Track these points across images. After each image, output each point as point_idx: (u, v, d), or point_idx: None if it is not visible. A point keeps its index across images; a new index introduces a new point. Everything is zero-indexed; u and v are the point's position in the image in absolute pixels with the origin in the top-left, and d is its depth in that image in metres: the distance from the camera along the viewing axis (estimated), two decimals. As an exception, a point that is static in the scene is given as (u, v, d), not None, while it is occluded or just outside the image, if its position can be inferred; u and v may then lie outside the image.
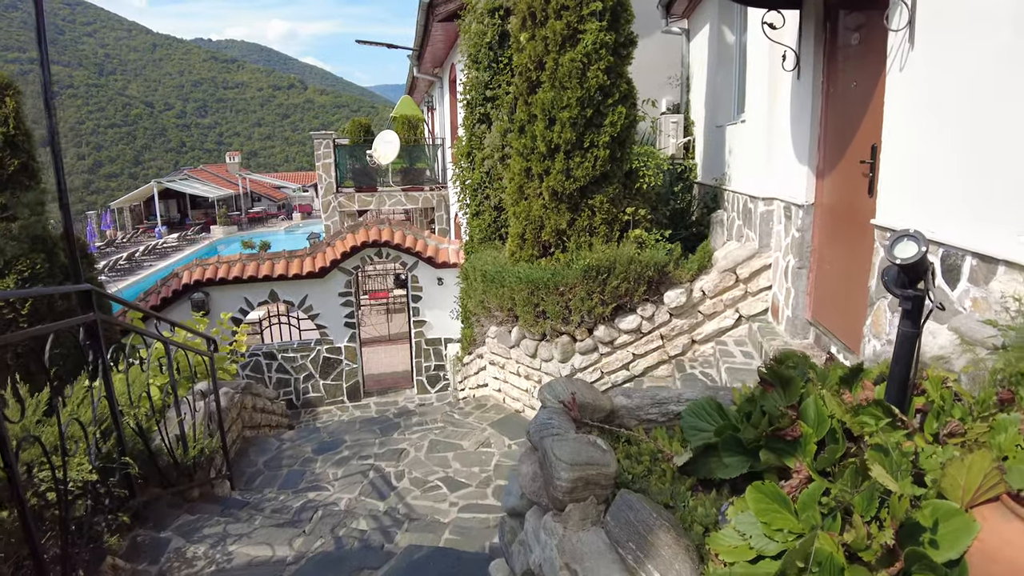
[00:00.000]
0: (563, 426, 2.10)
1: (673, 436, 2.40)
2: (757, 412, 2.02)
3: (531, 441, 2.14)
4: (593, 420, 2.30)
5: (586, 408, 2.29)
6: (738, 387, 2.35)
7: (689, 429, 2.25)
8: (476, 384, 7.74)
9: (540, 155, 5.98)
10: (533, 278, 5.85)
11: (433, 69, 13.48)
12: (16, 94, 6.07)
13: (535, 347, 6.15)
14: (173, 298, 10.06)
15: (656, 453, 2.30)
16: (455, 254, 10.90)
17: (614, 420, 2.37)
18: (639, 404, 2.40)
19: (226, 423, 5.77)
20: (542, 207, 6.05)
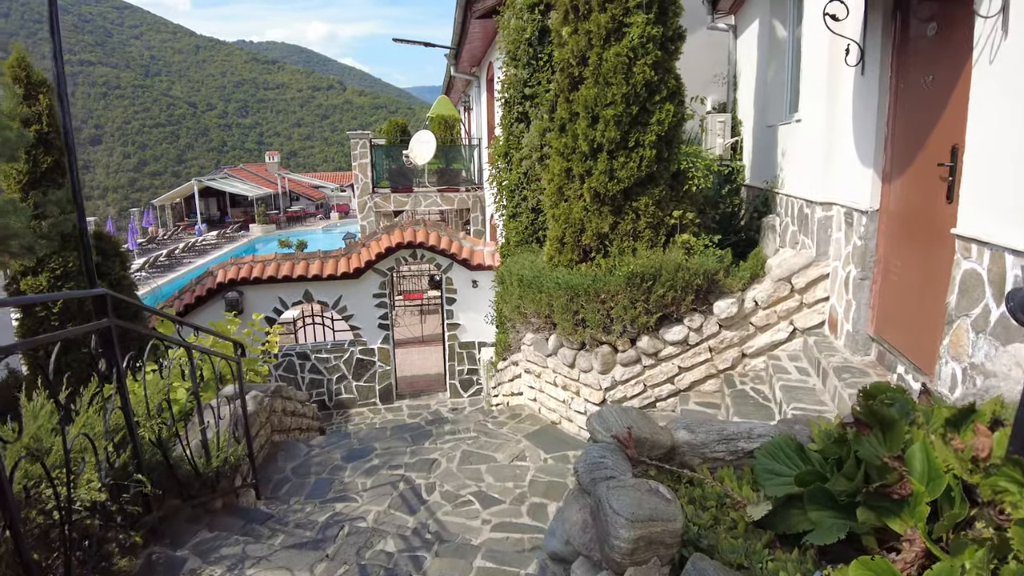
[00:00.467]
0: (618, 467, 1.82)
1: (742, 478, 2.09)
2: (851, 461, 1.71)
3: (580, 482, 1.87)
4: (651, 458, 2.01)
5: (643, 444, 2.01)
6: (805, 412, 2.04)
7: (764, 473, 1.95)
8: (510, 391, 7.48)
9: (582, 155, 5.69)
10: (572, 284, 5.56)
11: (470, 68, 13.27)
12: (50, 91, 6.02)
13: (573, 357, 5.86)
14: (207, 297, 10.03)
15: (723, 497, 2.00)
16: (490, 256, 10.66)
17: (674, 457, 2.08)
18: (704, 440, 2.10)
19: (253, 428, 5.61)
20: (583, 209, 5.75)
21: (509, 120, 7.59)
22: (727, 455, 2.12)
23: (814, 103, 5.59)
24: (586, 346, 5.78)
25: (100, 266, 6.48)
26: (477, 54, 12.05)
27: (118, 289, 6.59)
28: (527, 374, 6.62)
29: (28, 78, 5.95)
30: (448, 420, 6.59)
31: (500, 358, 8.26)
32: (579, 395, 5.97)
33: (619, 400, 5.75)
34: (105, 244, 6.57)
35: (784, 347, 5.67)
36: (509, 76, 7.47)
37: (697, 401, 5.61)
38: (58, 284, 5.94)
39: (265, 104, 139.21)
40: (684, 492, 2.02)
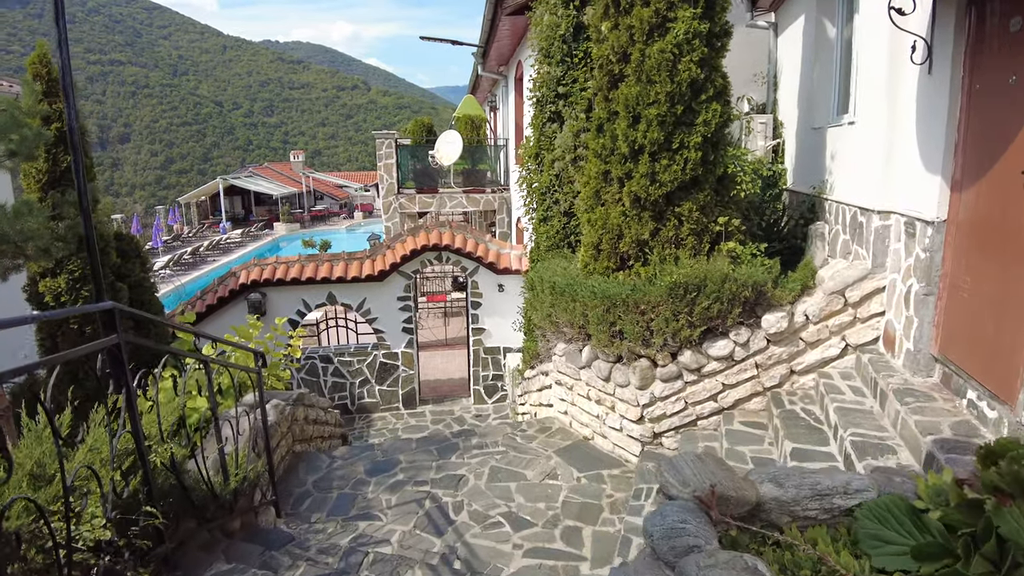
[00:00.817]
0: (701, 532, 1.53)
1: (838, 539, 1.78)
2: (991, 542, 1.39)
3: (655, 548, 1.57)
4: (733, 516, 1.71)
5: (726, 502, 1.71)
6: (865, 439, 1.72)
7: (869, 539, 1.64)
8: (538, 402, 7.19)
9: (621, 157, 5.38)
10: (610, 294, 5.25)
11: (498, 67, 13.00)
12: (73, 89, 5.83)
13: (609, 370, 5.55)
14: (230, 298, 9.88)
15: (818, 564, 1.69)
16: (517, 260, 10.39)
17: (759, 515, 1.77)
18: (795, 496, 1.79)
19: (274, 439, 5.40)
20: (621, 214, 5.45)
21: (541, 120, 7.31)
22: (820, 513, 1.81)
23: (871, 104, 5.22)
24: (623, 359, 5.47)
25: (120, 267, 6.31)
26: (505, 52, 11.77)
27: (138, 292, 6.42)
28: (558, 386, 6.33)
29: (49, 75, 5.79)
30: (475, 433, 6.32)
31: (528, 366, 7.98)
32: (614, 411, 5.66)
33: (658, 418, 5.44)
34: (125, 245, 6.40)
35: (835, 364, 5.31)
36: (542, 74, 7.19)
37: (742, 420, 5.28)
38: (76, 286, 5.78)
39: (290, 103, 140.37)
40: (772, 557, 1.72)
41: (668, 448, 5.51)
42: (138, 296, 6.42)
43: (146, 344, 3.05)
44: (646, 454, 5.46)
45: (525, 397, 8.17)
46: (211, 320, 9.95)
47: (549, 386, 6.60)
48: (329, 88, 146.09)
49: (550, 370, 6.51)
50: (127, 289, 6.23)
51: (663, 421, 5.47)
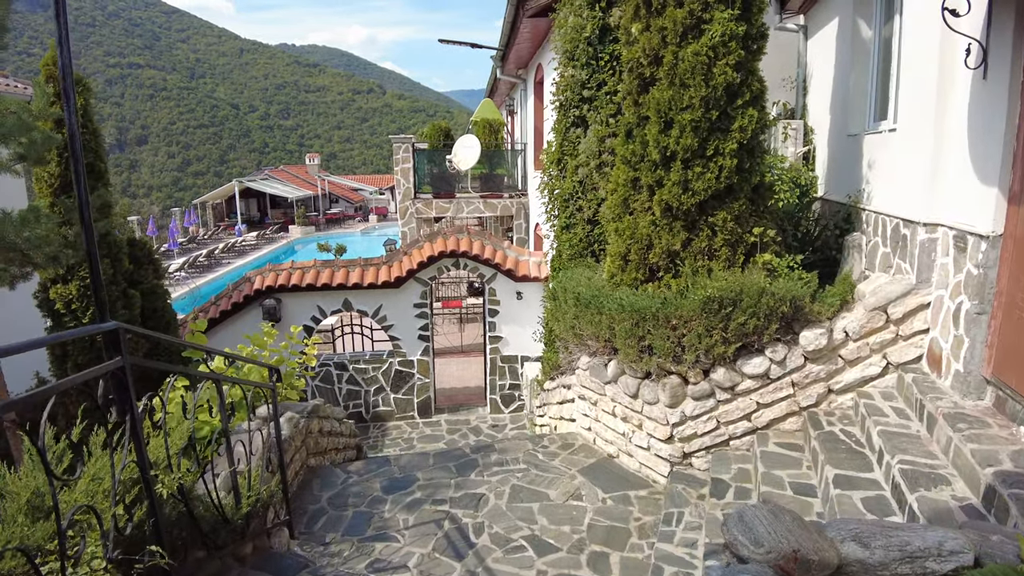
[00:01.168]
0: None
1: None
2: None
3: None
4: (819, 586, 1.48)
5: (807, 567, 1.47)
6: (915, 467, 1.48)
7: (986, 619, 1.39)
8: (559, 415, 6.96)
9: (651, 163, 5.15)
10: (639, 307, 5.02)
11: (517, 70, 12.81)
12: (85, 91, 5.72)
13: (637, 386, 5.31)
14: (244, 303, 9.74)
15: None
16: (536, 267, 10.17)
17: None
18: (882, 560, 1.56)
19: (288, 454, 5.21)
20: (651, 224, 5.21)
21: (564, 124, 7.09)
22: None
23: (916, 110, 4.96)
24: (652, 376, 5.23)
25: (133, 274, 6.17)
26: (524, 56, 11.58)
27: (151, 298, 6.27)
28: (581, 400, 6.09)
29: (64, 76, 5.64)
30: (495, 448, 6.09)
31: (548, 377, 7.75)
32: (641, 429, 5.42)
33: (688, 437, 5.19)
34: (138, 251, 6.26)
35: (875, 384, 5.04)
36: (565, 77, 6.98)
37: (777, 442, 5.02)
38: (88, 293, 5.64)
39: (306, 106, 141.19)
40: (865, 635, 1.48)
41: (698, 469, 5.26)
42: (151, 303, 6.27)
43: (154, 365, 2.84)
44: (675, 475, 5.22)
45: (544, 409, 7.94)
46: (225, 326, 9.81)
47: (572, 400, 6.37)
48: (345, 91, 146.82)
49: (573, 384, 6.29)
50: (139, 296, 6.08)
51: (693, 441, 5.22)
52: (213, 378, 3.21)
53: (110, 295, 5.78)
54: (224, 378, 3.39)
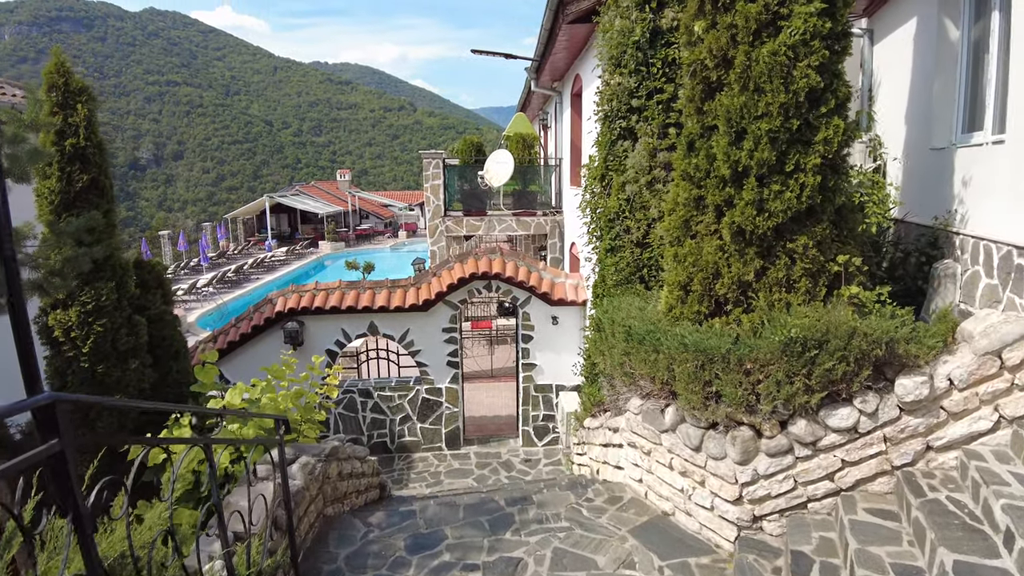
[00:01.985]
0: None
1: None
2: None
3: None
4: None
5: None
6: None
7: None
8: (602, 459, 6.26)
9: (719, 180, 4.47)
10: (705, 347, 4.31)
11: (552, 83, 12.24)
12: (90, 100, 5.24)
13: (700, 438, 4.59)
14: (265, 326, 9.23)
15: None
16: (573, 290, 9.50)
17: None
18: None
19: (302, 506, 4.60)
20: (718, 249, 4.52)
21: (608, 137, 6.45)
22: None
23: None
24: (718, 426, 4.51)
25: (139, 299, 5.66)
26: (561, 66, 11.00)
27: (159, 326, 5.75)
28: (631, 448, 5.38)
29: (66, 85, 5.19)
30: (533, 501, 5.40)
31: (588, 414, 7.05)
32: (704, 486, 4.69)
33: (760, 499, 4.45)
34: (145, 274, 5.75)
35: (985, 440, 4.24)
36: (611, 86, 6.34)
37: (867, 507, 4.24)
38: (88, 320, 5.12)
39: (338, 123, 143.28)
40: None
41: (770, 535, 4.51)
42: (159, 330, 5.75)
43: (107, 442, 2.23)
44: (744, 541, 4.47)
45: (584, 448, 7.24)
46: (244, 350, 9.31)
47: (619, 445, 5.66)
48: (376, 109, 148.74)
49: (620, 427, 5.58)
50: (146, 324, 5.55)
51: (766, 503, 4.47)
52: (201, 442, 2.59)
53: (114, 322, 5.27)
54: (214, 441, 2.78)
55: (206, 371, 5.08)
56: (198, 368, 5.05)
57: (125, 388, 5.33)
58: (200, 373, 5.03)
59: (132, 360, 5.36)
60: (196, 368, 5.03)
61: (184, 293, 22.71)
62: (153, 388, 5.62)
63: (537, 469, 9.25)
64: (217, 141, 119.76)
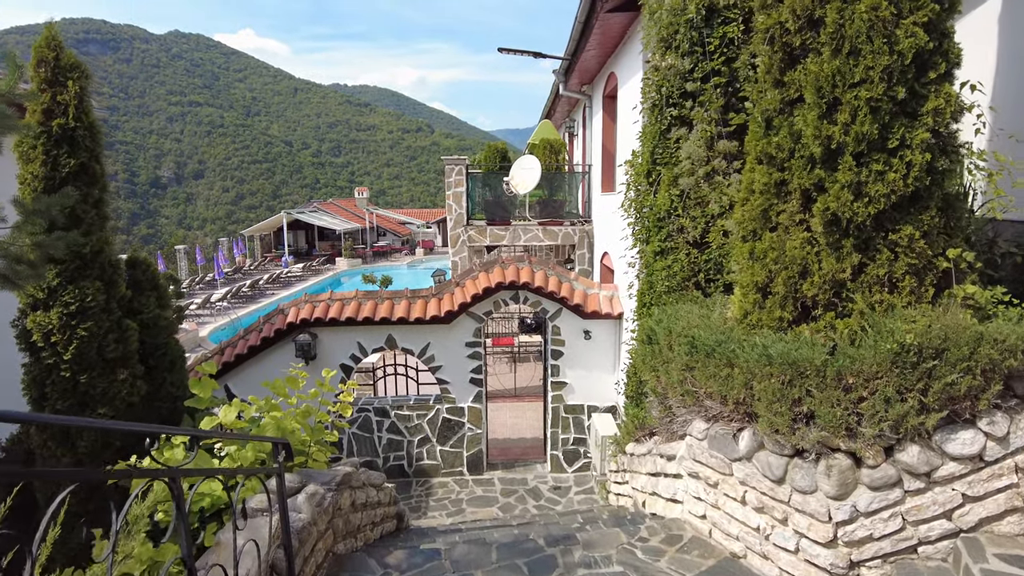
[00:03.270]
0: None
1: None
2: None
3: None
4: None
5: None
6: None
7: None
8: (651, 490, 5.50)
9: (806, 160, 3.78)
10: (795, 359, 3.59)
11: (581, 86, 11.64)
12: (83, 78, 4.67)
13: (783, 467, 3.84)
14: (276, 338, 8.60)
15: None
16: (607, 302, 8.78)
17: None
18: None
19: (308, 543, 3.90)
20: (806, 243, 3.81)
21: (657, 128, 5.78)
22: None
23: None
24: (806, 454, 3.75)
25: (131, 301, 5.03)
26: (591, 67, 10.40)
27: (152, 332, 5.12)
28: (693, 479, 4.63)
29: (57, 60, 4.62)
30: (577, 540, 4.65)
31: (631, 438, 6.30)
32: (786, 524, 3.92)
33: (859, 541, 3.67)
34: (140, 274, 5.13)
35: None
36: (661, 70, 5.69)
37: (998, 553, 3.46)
38: (72, 323, 4.50)
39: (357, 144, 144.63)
40: None
41: (870, 585, 3.72)
42: (152, 337, 5.11)
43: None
44: (838, 593, 3.69)
45: (626, 477, 6.48)
46: (253, 364, 8.68)
47: (675, 475, 4.91)
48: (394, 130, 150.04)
49: (678, 454, 4.83)
50: (137, 329, 4.92)
51: (866, 546, 3.70)
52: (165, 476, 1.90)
53: (100, 326, 4.64)
54: (187, 473, 2.09)
55: (203, 384, 4.43)
56: (194, 381, 4.40)
57: (112, 401, 4.68)
58: (196, 386, 4.38)
59: (121, 369, 4.72)
60: (192, 381, 4.39)
61: (198, 307, 22.26)
62: (145, 401, 4.98)
63: (568, 498, 8.47)
64: (237, 161, 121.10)
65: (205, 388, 4.43)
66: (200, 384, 4.42)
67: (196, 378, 4.46)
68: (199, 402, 4.45)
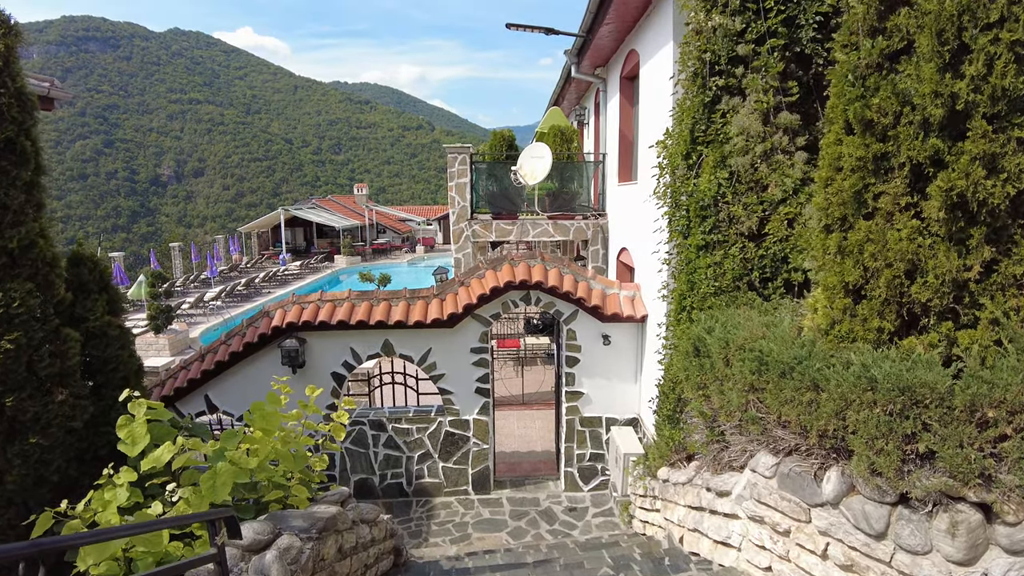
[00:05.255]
0: None
1: None
2: None
3: None
4: None
5: None
6: None
7: None
8: (692, 525, 4.66)
9: (916, 127, 2.93)
10: (908, 383, 2.75)
11: (594, 68, 10.78)
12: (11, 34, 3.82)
13: (885, 519, 3.00)
14: (260, 344, 7.76)
15: None
16: (628, 303, 7.94)
17: None
18: None
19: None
20: (916, 233, 2.97)
21: (699, 100, 4.94)
22: None
23: None
24: (918, 503, 2.91)
25: (73, 306, 4.19)
26: (606, 47, 9.54)
27: (101, 344, 4.27)
28: (755, 523, 3.79)
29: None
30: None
31: (665, 461, 5.47)
32: (887, 591, 3.08)
33: (990, 620, 2.83)
34: (86, 274, 4.28)
35: None
36: (705, 32, 4.84)
37: None
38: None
39: (357, 142, 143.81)
40: None
41: (998, 674, 2.88)
42: (99, 350, 4.26)
43: None
44: None
45: (656, 504, 5.65)
46: (235, 372, 7.85)
47: (731, 516, 4.06)
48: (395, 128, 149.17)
49: (734, 491, 3.99)
50: (79, 340, 4.08)
51: (998, 627, 2.85)
52: None
53: (31, 337, 3.80)
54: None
55: (133, 427, 3.58)
56: (122, 421, 3.58)
57: (47, 428, 3.85)
58: (124, 428, 3.54)
59: (58, 389, 3.89)
60: (120, 421, 3.56)
61: (190, 306, 21.45)
62: (89, 427, 4.14)
63: (585, 521, 7.63)
64: (237, 158, 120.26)
65: (135, 430, 3.55)
66: (129, 426, 3.53)
67: (126, 418, 3.59)
68: (129, 449, 3.56)
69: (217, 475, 3.41)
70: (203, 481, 3.40)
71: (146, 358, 16.18)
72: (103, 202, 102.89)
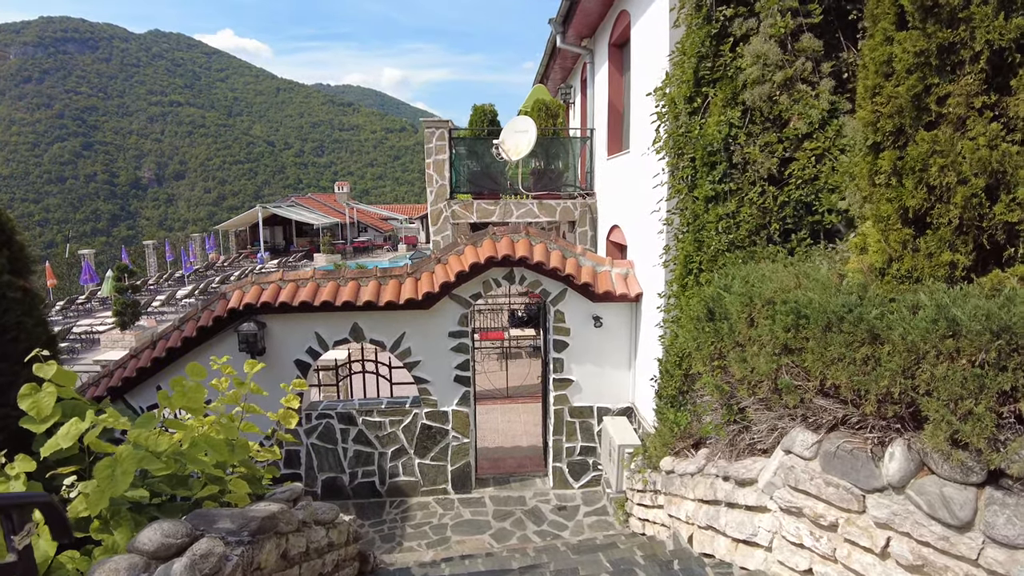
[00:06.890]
0: None
1: None
2: None
3: None
4: None
5: None
6: None
7: None
8: (705, 522, 4.00)
9: (994, 3, 2.29)
10: (1007, 323, 2.10)
11: (581, 40, 10.14)
12: None
13: (971, 504, 2.35)
14: (215, 328, 7.02)
15: None
16: (621, 281, 7.29)
17: None
18: None
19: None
20: (998, 138, 2.32)
21: (704, 33, 4.30)
22: None
23: None
24: (1017, 483, 2.26)
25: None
26: (593, 12, 8.92)
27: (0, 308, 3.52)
28: (790, 515, 3.12)
29: None
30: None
31: (668, 450, 4.81)
32: (967, 597, 2.42)
33: (1110, 633, 2.18)
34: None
35: None
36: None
37: None
38: None
39: (340, 144, 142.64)
40: None
41: None
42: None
43: None
44: None
45: (658, 499, 4.99)
46: (189, 359, 7.08)
47: (757, 508, 3.40)
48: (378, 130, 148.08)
49: (761, 478, 3.33)
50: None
51: (1116, 640, 2.21)
52: None
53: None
54: None
55: (39, 397, 2.90)
56: (26, 390, 2.89)
57: None
58: (28, 398, 2.87)
59: (-68, 363, 3.16)
60: (23, 390, 2.87)
61: (162, 303, 20.58)
62: None
63: (576, 521, 6.96)
64: (219, 161, 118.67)
65: (42, 401, 2.87)
66: (35, 396, 2.86)
67: (32, 385, 2.90)
68: (34, 425, 2.88)
69: (117, 462, 2.70)
70: (98, 470, 2.69)
71: (112, 354, 15.31)
72: (82, 205, 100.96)
